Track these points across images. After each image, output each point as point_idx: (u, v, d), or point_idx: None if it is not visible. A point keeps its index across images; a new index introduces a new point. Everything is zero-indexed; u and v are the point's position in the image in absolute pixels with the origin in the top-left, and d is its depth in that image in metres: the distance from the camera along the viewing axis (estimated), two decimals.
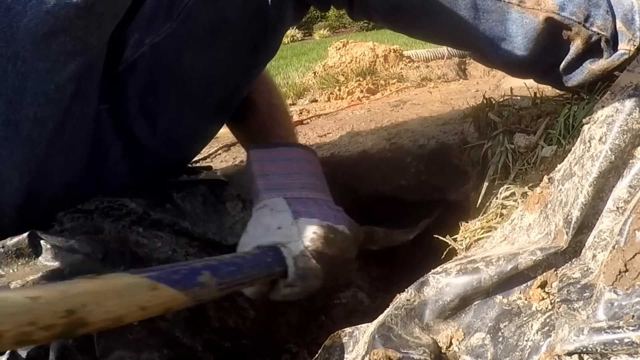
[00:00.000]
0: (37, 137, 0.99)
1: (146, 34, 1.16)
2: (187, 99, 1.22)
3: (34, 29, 0.91)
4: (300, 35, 20.94)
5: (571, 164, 0.85)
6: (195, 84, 1.21)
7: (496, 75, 3.06)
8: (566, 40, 1.23)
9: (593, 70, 1.24)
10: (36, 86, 0.95)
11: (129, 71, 1.17)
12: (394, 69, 3.73)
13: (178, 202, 1.17)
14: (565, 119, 1.14)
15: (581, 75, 1.25)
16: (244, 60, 1.24)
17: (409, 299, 0.85)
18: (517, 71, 1.36)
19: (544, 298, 0.78)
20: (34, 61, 0.94)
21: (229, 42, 1.19)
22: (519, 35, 1.23)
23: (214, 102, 1.27)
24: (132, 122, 1.19)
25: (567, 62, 1.25)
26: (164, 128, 1.22)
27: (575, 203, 0.79)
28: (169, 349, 0.92)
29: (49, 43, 0.93)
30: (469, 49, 1.34)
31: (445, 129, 1.69)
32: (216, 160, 1.98)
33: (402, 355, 0.78)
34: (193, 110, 1.24)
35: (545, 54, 1.26)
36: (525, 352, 0.74)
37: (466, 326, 0.82)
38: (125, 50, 1.16)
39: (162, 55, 1.16)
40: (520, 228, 0.91)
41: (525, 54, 1.25)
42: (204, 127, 1.32)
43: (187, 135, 1.28)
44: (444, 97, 2.44)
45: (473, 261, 0.83)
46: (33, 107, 0.96)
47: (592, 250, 0.78)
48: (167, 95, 1.20)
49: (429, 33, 1.33)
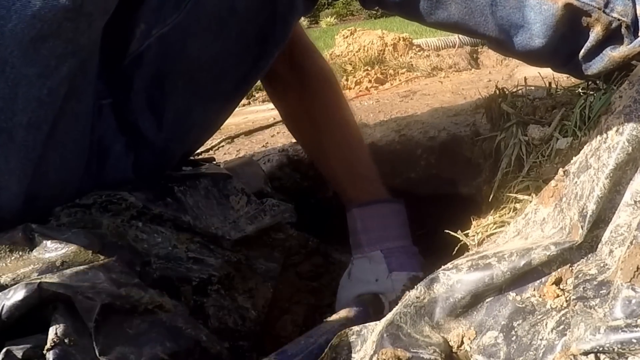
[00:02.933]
0: (32, 142, 0.99)
1: (153, 25, 1.15)
2: (194, 91, 1.22)
3: (21, 33, 0.91)
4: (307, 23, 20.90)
5: (587, 155, 0.85)
6: (202, 75, 1.21)
7: (509, 65, 3.06)
8: (585, 27, 1.22)
9: (613, 58, 1.23)
10: (27, 92, 0.95)
11: (136, 64, 1.17)
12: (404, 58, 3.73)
13: (179, 195, 1.17)
14: (581, 109, 1.14)
15: (601, 63, 1.25)
16: (252, 50, 1.24)
17: (418, 297, 0.85)
18: (535, 60, 1.36)
19: (559, 295, 0.78)
20: (23, 67, 0.93)
21: (236, 32, 1.19)
22: (538, 22, 1.22)
23: (222, 94, 1.28)
24: (138, 117, 1.19)
25: (586, 50, 1.25)
26: (170, 121, 1.22)
27: (591, 196, 0.78)
28: (172, 341, 0.92)
29: (37, 48, 0.93)
30: (484, 38, 1.33)
31: (457, 120, 1.69)
32: (219, 153, 1.98)
33: (411, 354, 0.77)
34: (200, 102, 1.24)
35: (564, 41, 1.25)
36: (540, 352, 0.74)
37: (478, 324, 0.82)
38: (132, 42, 1.16)
39: (170, 46, 1.16)
40: (534, 222, 0.91)
41: (544, 41, 1.24)
42: (210, 119, 1.33)
43: (193, 127, 1.28)
44: (455, 87, 2.43)
45: (485, 257, 0.83)
46: (26, 113, 0.96)
47: (608, 246, 0.77)
48: (173, 87, 1.20)
49: (443, 21, 1.32)
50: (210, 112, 1.29)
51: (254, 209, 1.27)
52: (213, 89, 1.24)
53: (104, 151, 1.17)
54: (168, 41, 1.16)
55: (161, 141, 1.22)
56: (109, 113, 1.17)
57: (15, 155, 0.98)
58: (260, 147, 1.94)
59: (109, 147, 1.18)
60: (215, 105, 1.30)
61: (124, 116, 1.19)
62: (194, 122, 1.27)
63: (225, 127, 1.74)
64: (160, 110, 1.20)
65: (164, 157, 1.26)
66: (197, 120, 1.27)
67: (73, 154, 1.09)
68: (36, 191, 1.03)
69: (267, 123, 2.30)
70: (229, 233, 1.19)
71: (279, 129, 2.17)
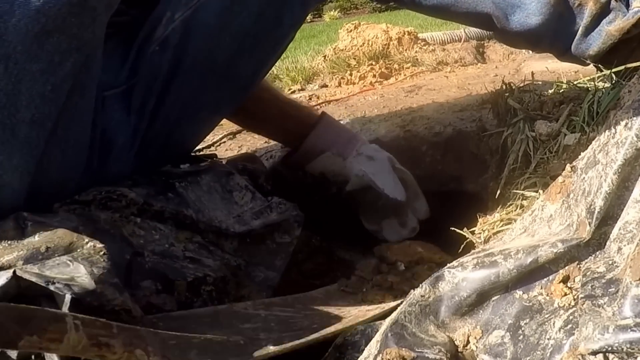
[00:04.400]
0: (35, 139, 0.99)
1: (176, 9, 1.18)
2: (211, 72, 1.25)
3: (24, 29, 0.90)
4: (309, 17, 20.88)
5: (595, 151, 0.84)
6: (221, 56, 1.25)
7: (516, 59, 3.05)
8: (579, 5, 1.30)
9: (610, 32, 1.27)
10: (31, 88, 0.95)
11: (162, 48, 1.19)
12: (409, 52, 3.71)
13: (181, 190, 1.17)
14: (589, 105, 1.14)
15: (600, 39, 1.29)
16: (269, 33, 1.29)
17: (423, 295, 0.85)
18: (536, 42, 1.41)
19: (567, 294, 0.78)
20: (27, 63, 0.93)
21: (255, 13, 1.23)
22: (533, 1, 1.30)
23: (238, 78, 1.31)
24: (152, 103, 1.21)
25: (584, 27, 1.31)
26: (184, 103, 1.25)
27: (599, 192, 0.78)
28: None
29: (41, 43, 0.92)
30: (483, 22, 1.37)
31: (463, 115, 1.69)
32: (221, 149, 1.98)
33: (416, 354, 0.77)
34: (215, 85, 1.27)
35: (561, 20, 1.31)
36: (547, 352, 0.74)
37: (484, 323, 0.82)
38: (158, 29, 1.18)
39: (192, 30, 1.19)
40: (540, 219, 0.91)
41: (540, 19, 1.31)
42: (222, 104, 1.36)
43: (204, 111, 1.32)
44: (461, 82, 2.43)
45: (491, 254, 0.83)
46: (30, 109, 0.96)
47: (617, 243, 0.77)
48: (193, 69, 1.22)
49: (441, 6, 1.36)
50: (223, 94, 1.32)
51: (259, 205, 1.26)
52: (230, 71, 1.28)
53: (107, 144, 1.17)
54: (191, 24, 1.19)
55: (169, 124, 1.24)
56: (113, 104, 1.18)
57: (18, 152, 0.98)
58: (262, 142, 1.94)
59: (112, 140, 1.18)
60: (230, 91, 1.33)
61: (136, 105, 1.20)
62: (206, 103, 1.29)
63: (227, 122, 1.74)
64: (177, 94, 1.23)
65: (169, 144, 1.27)
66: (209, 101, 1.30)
67: (74, 150, 1.09)
68: (37, 188, 1.03)
69: None
70: (234, 226, 1.19)
71: None
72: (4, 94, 0.93)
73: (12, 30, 0.90)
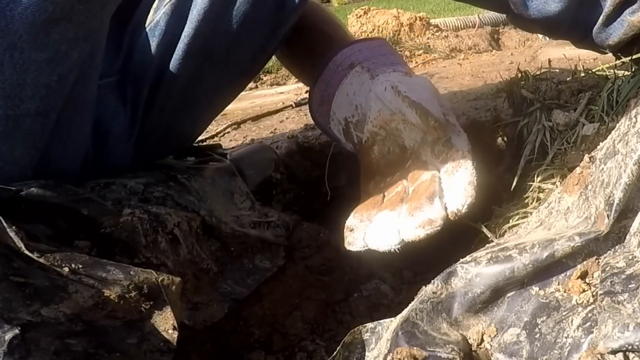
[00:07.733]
0: (39, 131, 0.99)
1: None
2: (207, 57, 1.24)
3: (31, 17, 0.90)
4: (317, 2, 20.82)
5: (615, 141, 0.84)
6: (218, 42, 1.24)
7: (532, 46, 3.04)
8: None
9: (633, 22, 1.26)
10: (37, 79, 0.95)
11: (151, 36, 1.19)
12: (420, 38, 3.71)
13: (183, 180, 1.17)
14: (608, 93, 1.13)
15: (621, 29, 1.28)
16: (269, 17, 1.27)
17: (435, 292, 0.84)
18: (554, 29, 1.40)
19: (585, 290, 0.77)
20: (33, 52, 0.93)
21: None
22: None
23: (237, 64, 1.30)
24: (145, 92, 1.21)
25: (605, 16, 1.29)
26: (180, 89, 1.24)
27: (618, 183, 0.78)
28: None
29: (48, 32, 0.92)
30: (501, 5, 1.37)
31: (477, 104, 1.68)
32: (225, 139, 1.98)
33: (428, 353, 0.77)
34: (213, 72, 1.26)
35: (581, 8, 1.30)
36: (565, 350, 0.73)
37: (499, 321, 0.81)
38: (148, 14, 1.20)
39: (183, 14, 1.19)
40: (557, 212, 0.91)
41: (559, 5, 1.29)
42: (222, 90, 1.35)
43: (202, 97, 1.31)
44: (475, 70, 2.43)
45: (505, 249, 0.82)
46: (34, 100, 0.96)
47: (637, 237, 0.77)
48: (187, 56, 1.22)
49: None
50: (222, 81, 1.31)
51: (256, 216, 1.26)
52: (227, 57, 1.26)
53: (103, 134, 1.17)
54: (182, 8, 1.19)
55: (167, 114, 1.23)
56: (108, 93, 1.18)
57: (20, 145, 0.99)
58: (268, 133, 1.94)
59: (108, 130, 1.18)
60: (229, 77, 1.31)
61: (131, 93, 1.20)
62: (204, 91, 1.29)
63: (231, 112, 1.74)
64: (171, 80, 1.22)
65: (168, 135, 1.27)
66: (208, 89, 1.29)
67: (75, 143, 1.10)
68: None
69: (276, 108, 2.28)
70: (232, 224, 1.18)
71: (287, 114, 2.17)
72: (8, 85, 0.93)
73: (19, 18, 0.90)
